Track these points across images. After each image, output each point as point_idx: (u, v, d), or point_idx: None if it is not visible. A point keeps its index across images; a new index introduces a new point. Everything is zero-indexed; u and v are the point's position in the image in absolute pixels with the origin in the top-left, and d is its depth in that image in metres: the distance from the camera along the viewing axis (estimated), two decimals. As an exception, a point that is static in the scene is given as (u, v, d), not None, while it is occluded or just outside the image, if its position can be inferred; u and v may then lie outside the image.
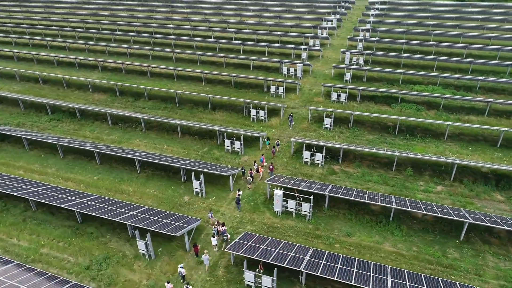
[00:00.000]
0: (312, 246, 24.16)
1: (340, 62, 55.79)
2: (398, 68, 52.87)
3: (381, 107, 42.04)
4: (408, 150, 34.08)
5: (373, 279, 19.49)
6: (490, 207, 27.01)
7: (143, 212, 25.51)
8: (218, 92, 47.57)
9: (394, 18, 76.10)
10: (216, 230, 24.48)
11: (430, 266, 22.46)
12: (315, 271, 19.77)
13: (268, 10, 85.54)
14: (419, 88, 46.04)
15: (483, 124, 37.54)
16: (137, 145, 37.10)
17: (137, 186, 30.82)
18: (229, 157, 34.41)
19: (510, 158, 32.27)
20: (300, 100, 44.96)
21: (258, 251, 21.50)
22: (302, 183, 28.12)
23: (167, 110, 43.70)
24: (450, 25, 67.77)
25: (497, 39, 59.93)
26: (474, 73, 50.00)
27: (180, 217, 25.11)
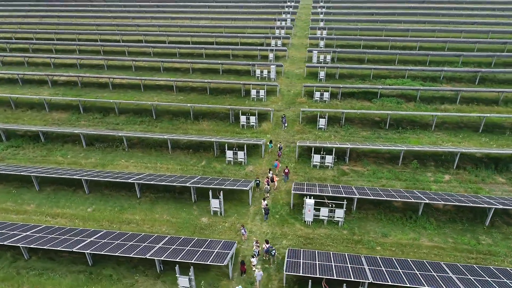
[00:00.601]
0: (355, 252, 23.58)
1: (307, 61, 56.16)
2: (363, 63, 54.67)
3: (363, 103, 42.98)
4: (404, 143, 35.15)
5: (440, 278, 19.43)
6: (497, 190, 28.81)
7: (168, 242, 22.80)
8: (194, 100, 44.98)
9: (342, 15, 78.89)
10: (257, 251, 22.73)
11: (472, 255, 23.16)
12: (384, 281, 19.15)
13: (216, 12, 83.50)
14: (390, 82, 48.00)
15: (458, 112, 40.19)
16: (125, 166, 33.42)
17: (143, 213, 27.63)
18: (232, 169, 32.50)
19: (496, 141, 34.86)
20: (282, 102, 44.25)
21: (316, 267, 20.29)
22: (323, 188, 27.40)
23: (145, 124, 40.15)
24: (395, 21, 71.99)
25: (441, 31, 64.94)
26: (431, 64, 53.50)
27: (213, 242, 22.88)
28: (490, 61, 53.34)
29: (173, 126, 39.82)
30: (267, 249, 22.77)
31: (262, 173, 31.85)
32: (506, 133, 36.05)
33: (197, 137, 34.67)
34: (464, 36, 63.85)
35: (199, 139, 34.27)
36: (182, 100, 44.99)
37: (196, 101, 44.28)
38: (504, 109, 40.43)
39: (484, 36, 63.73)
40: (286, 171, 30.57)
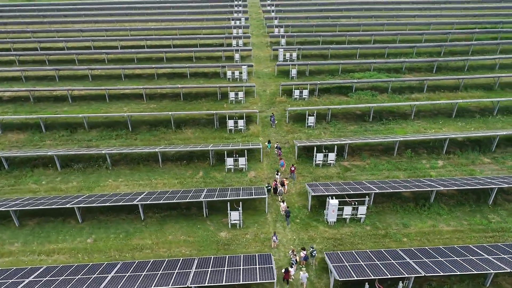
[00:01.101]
0: (384, 246, 23.82)
1: (273, 60, 55.98)
2: (327, 59, 55.90)
3: (341, 98, 43.84)
4: (391, 133, 36.51)
5: (482, 261, 20.30)
6: (487, 170, 31.11)
7: (201, 265, 21.03)
8: (168, 107, 42.44)
9: (293, 13, 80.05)
10: (295, 260, 21.90)
11: (488, 234, 24.66)
12: (435, 272, 19.50)
13: (162, 13, 79.84)
14: (358, 75, 49.60)
15: (429, 100, 42.79)
16: (115, 186, 30.34)
17: (153, 236, 25.26)
18: (234, 176, 31.13)
19: (471, 124, 37.66)
20: (261, 103, 43.52)
21: (365, 268, 20.05)
22: (338, 186, 27.33)
23: (123, 138, 36.91)
24: (344, 16, 74.72)
25: (388, 25, 68.75)
26: (389, 56, 56.40)
27: (248, 258, 21.57)
28: (439, 50, 57.65)
29: (154, 137, 37.09)
30: (305, 257, 22.07)
31: (266, 177, 30.95)
32: (476, 116, 39.11)
33: (191, 147, 32.61)
34: (410, 29, 68.30)
35: (192, 149, 32.25)
36: (156, 109, 42.17)
37: (171, 108, 41.79)
38: (466, 94, 43.85)
39: (427, 27, 68.80)
40: (292, 169, 30.19)
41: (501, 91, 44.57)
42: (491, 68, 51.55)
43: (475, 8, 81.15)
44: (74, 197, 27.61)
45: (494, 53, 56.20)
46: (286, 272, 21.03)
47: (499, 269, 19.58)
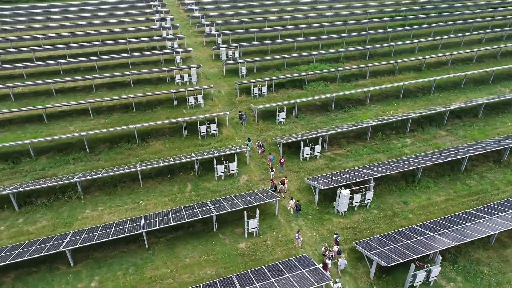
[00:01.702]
0: (397, 226, 25.24)
1: (214, 59, 54.64)
2: (267, 55, 56.52)
3: (297, 91, 44.83)
4: (355, 119, 38.65)
5: (488, 221, 22.82)
6: (447, 141, 34.95)
7: (246, 282, 19.75)
8: (123, 120, 38.67)
9: (216, 11, 78.93)
10: (331, 256, 21.92)
11: (473, 197, 27.83)
12: (462, 240, 21.31)
13: (74, 18, 71.83)
14: (303, 68, 51.23)
15: (374, 85, 46.24)
16: (98, 217, 26.64)
17: (168, 262, 22.89)
18: (226, 184, 29.80)
19: (418, 103, 41.74)
20: (222, 104, 42.26)
21: (402, 250, 20.99)
22: (335, 177, 28.03)
23: (83, 161, 32.53)
24: (268, 12, 76.25)
25: (313, 18, 72.16)
26: (323, 47, 59.36)
27: (288, 264, 20.91)
28: (364, 39, 62.58)
29: (120, 155, 33.45)
30: (338, 251, 22.23)
31: (260, 179, 30.31)
32: (419, 96, 43.52)
33: (174, 160, 30.13)
34: (331, 21, 72.73)
35: (174, 162, 29.80)
36: (109, 123, 38.00)
37: (126, 121, 38.12)
38: (403, 76, 48.43)
39: (344, 19, 74.06)
40: (282, 161, 30.66)
41: (427, 71, 50.24)
42: (411, 51, 57.71)
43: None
44: (56, 238, 23.44)
45: (408, 38, 62.99)
46: (325, 267, 20.98)
47: (505, 227, 22.24)
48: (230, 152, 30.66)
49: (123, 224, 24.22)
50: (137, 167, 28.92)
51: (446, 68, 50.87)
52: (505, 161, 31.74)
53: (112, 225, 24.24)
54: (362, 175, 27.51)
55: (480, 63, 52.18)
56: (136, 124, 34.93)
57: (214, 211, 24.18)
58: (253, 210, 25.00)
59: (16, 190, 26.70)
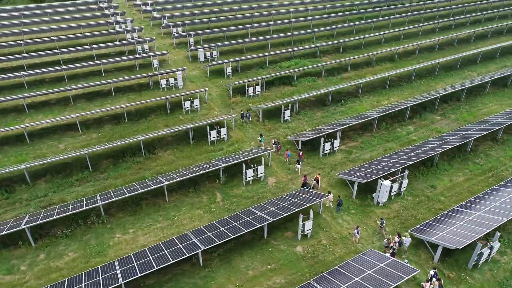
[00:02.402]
0: (435, 210, 26.45)
1: (192, 61, 52.61)
2: (243, 54, 55.71)
3: (288, 88, 44.88)
4: (354, 111, 39.74)
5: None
6: (444, 125, 37.36)
7: (328, 285, 19.37)
8: (118, 133, 35.77)
9: (174, 11, 75.96)
10: (395, 247, 22.32)
11: (488, 174, 30.12)
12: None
13: (18, 24, 64.44)
14: (285, 64, 51.30)
15: (358, 77, 47.87)
16: (132, 240, 24.33)
17: (233, 278, 21.68)
18: (256, 188, 29.02)
19: (405, 91, 44.01)
20: (217, 107, 40.90)
21: (462, 231, 22.02)
22: (371, 168, 28.62)
23: (91, 181, 29.53)
24: (228, 10, 75.11)
25: (275, 14, 72.50)
26: (296, 43, 60.01)
27: (360, 261, 20.88)
28: (332, 33, 64.41)
29: (128, 170, 30.89)
30: (400, 242, 22.70)
31: (287, 179, 29.90)
32: (403, 85, 45.91)
33: (200, 169, 28.46)
34: (293, 17, 73.79)
35: (203, 171, 28.16)
36: (102, 137, 34.86)
37: (120, 133, 35.33)
38: (381, 67, 50.71)
39: (305, 14, 75.60)
40: (300, 154, 31.25)
41: (400, 60, 53.20)
42: (378, 43, 60.63)
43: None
44: (104, 270, 20.93)
45: (371, 31, 66.10)
46: (393, 255, 21.39)
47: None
48: (256, 155, 29.72)
49: (172, 244, 22.33)
50: (163, 181, 26.84)
51: (416, 57, 54.24)
52: (500, 138, 34.74)
53: (160, 247, 22.23)
54: (391, 164, 28.33)
55: (442, 51, 56.44)
56: (141, 136, 32.40)
57: (268, 217, 23.31)
58: (307, 212, 24.47)
59: (31, 224, 23.30)
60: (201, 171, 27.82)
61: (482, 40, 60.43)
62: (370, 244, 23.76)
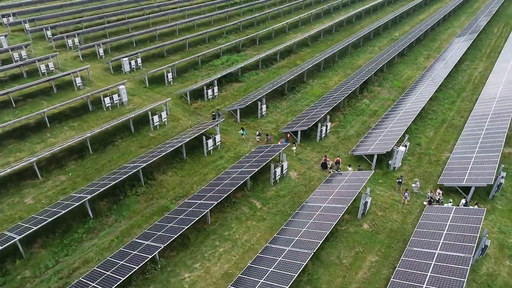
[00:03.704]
0: (438, 159, 31.31)
1: (115, 73, 46.80)
2: (164, 57, 52.38)
3: (238, 84, 44.75)
4: (311, 95, 42.55)
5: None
6: (386, 94, 43.38)
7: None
8: (92, 167, 30.22)
9: (34, 13, 64.76)
10: (441, 196, 25.83)
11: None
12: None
13: None
14: (218, 62, 50.38)
15: (292, 66, 50.71)
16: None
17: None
18: (285, 185, 28.88)
19: (341, 71, 48.86)
20: (183, 115, 38.20)
21: (478, 175, 26.99)
22: (372, 142, 31.71)
23: (107, 227, 24.54)
24: (94, 8, 68.12)
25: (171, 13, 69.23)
26: (211, 40, 59.10)
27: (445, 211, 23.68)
28: (238, 27, 65.54)
29: (137, 204, 26.75)
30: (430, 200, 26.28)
31: (306, 169, 30.64)
32: (332, 65, 50.73)
33: (229, 181, 26.63)
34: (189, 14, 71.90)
35: (235, 183, 26.43)
36: (76, 178, 28.89)
37: (96, 168, 29.95)
38: (305, 53, 54.69)
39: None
40: (288, 136, 33.66)
41: (316, 44, 58.30)
42: (296, 26, 64.66)
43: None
44: None
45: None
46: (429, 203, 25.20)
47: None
48: (277, 152, 29.36)
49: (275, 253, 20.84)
50: (205, 204, 24.30)
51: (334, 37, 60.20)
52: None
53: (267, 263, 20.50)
54: (389, 134, 31.97)
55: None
56: (140, 164, 28.08)
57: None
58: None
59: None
60: (232, 186, 26.04)
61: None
62: (414, 203, 26.78)
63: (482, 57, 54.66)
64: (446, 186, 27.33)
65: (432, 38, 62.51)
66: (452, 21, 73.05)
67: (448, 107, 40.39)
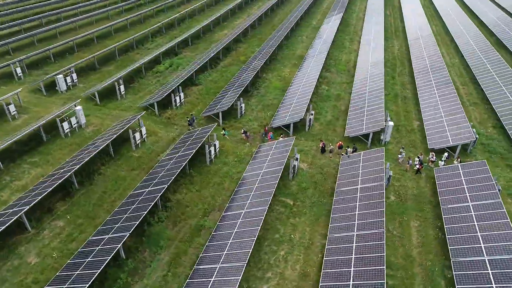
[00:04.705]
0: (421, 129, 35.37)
1: (49, 94, 40.47)
2: (96, 70, 47.21)
3: (197, 87, 43.09)
4: (274, 88, 43.55)
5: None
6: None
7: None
8: (108, 190, 26.25)
9: None
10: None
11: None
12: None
13: None
14: (161, 67, 47.40)
15: (236, 62, 50.68)
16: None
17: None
18: (301, 178, 29.42)
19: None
20: (158, 128, 35.39)
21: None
22: (360, 120, 34.22)
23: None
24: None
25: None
26: (140, 46, 55.04)
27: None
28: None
29: (174, 228, 24.34)
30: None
31: (313, 159, 31.50)
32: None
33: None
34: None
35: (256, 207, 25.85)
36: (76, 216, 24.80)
37: (93, 199, 26.10)
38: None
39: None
40: (266, 129, 34.52)
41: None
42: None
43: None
44: None
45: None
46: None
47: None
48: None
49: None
50: (260, 215, 23.37)
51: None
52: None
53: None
54: (373, 110, 34.87)
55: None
56: (156, 187, 25.28)
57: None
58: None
59: None
60: (268, 188, 25.59)
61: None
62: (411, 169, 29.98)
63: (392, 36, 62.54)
64: (436, 149, 31.23)
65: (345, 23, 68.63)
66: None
67: (393, 82, 45.59)
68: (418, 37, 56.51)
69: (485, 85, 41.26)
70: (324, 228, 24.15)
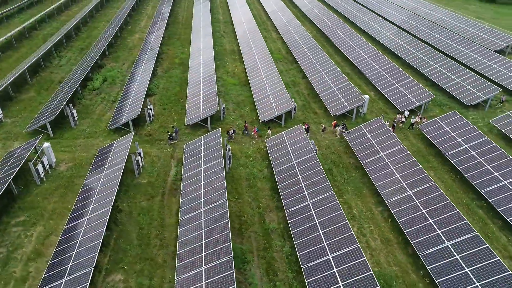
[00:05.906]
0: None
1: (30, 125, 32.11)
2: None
3: (156, 97, 39.81)
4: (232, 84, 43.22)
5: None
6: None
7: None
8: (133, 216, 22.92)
9: None
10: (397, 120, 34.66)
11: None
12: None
13: None
14: (97, 83, 41.84)
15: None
16: None
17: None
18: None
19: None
20: (149, 148, 32.00)
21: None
22: (345, 101, 37.16)
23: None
24: None
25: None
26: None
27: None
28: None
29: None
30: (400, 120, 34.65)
31: (324, 146, 32.84)
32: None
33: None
34: None
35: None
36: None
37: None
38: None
39: None
40: (246, 125, 33.83)
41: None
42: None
43: None
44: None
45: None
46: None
47: None
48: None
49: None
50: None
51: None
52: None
53: None
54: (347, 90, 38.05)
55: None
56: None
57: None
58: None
59: None
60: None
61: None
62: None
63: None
64: (407, 109, 36.22)
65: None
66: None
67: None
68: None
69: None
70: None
